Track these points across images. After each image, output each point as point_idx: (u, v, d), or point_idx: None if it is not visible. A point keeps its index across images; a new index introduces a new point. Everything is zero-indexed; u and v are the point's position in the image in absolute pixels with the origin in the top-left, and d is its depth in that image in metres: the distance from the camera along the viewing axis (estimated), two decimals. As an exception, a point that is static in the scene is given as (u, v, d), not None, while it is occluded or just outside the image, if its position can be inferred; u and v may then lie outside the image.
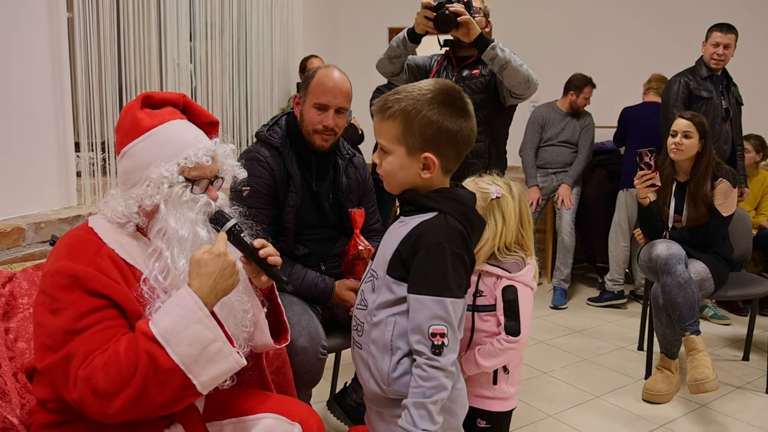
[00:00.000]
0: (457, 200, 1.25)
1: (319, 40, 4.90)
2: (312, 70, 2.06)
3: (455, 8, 2.28)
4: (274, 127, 2.10)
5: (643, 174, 2.69)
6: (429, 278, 1.19)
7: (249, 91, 3.76)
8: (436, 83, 1.26)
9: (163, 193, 1.24)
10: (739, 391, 2.77)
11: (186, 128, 1.33)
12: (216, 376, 1.18)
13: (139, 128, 1.28)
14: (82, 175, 2.36)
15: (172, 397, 1.15)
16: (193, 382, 1.15)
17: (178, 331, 1.14)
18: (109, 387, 1.11)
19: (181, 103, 1.39)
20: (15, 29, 1.96)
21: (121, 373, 1.12)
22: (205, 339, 1.16)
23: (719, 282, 2.73)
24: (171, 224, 1.24)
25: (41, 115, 2.09)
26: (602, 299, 4.11)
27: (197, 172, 1.28)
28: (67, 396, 1.14)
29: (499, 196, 1.62)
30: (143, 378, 1.12)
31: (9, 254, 1.82)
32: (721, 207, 2.69)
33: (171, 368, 1.13)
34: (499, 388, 1.65)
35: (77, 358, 1.13)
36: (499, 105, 2.50)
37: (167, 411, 1.18)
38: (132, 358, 1.12)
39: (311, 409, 1.44)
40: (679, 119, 2.75)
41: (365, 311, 1.29)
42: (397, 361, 1.24)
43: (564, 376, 2.94)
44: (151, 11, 2.80)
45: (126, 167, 1.29)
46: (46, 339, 1.16)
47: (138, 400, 1.12)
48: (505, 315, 1.60)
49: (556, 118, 4.26)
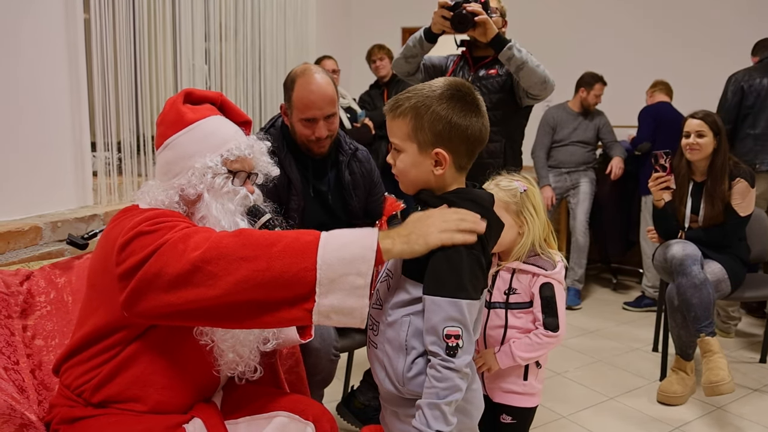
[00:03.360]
0: (473, 200, 1.24)
1: (332, 40, 4.91)
2: (290, 78, 1.93)
3: (472, 8, 2.28)
4: (270, 131, 2.05)
5: (658, 176, 2.67)
6: (444, 280, 1.18)
7: (263, 91, 3.78)
8: (446, 81, 1.26)
9: (206, 182, 1.28)
10: (756, 393, 2.74)
11: (227, 123, 1.39)
12: (338, 308, 1.12)
13: (182, 121, 1.33)
14: (98, 175, 2.39)
15: (291, 297, 1.10)
16: (315, 297, 1.10)
17: (339, 243, 1.12)
18: (245, 248, 1.09)
19: (219, 101, 1.44)
20: (32, 30, 1.98)
21: (268, 241, 1.10)
22: (353, 266, 1.10)
23: (736, 283, 2.70)
24: (213, 213, 1.27)
25: (58, 115, 2.11)
26: (641, 305, 4.04)
27: (239, 165, 1.33)
28: (183, 260, 1.10)
29: (525, 189, 1.66)
30: (282, 256, 1.09)
31: (26, 253, 1.84)
32: (739, 207, 2.66)
33: (308, 268, 1.09)
34: (529, 384, 1.68)
35: (198, 231, 1.14)
36: (516, 105, 2.49)
37: (274, 317, 1.12)
38: (286, 235, 1.12)
39: (324, 409, 1.45)
40: (691, 119, 2.72)
41: (381, 310, 1.30)
42: (411, 361, 1.24)
43: (578, 377, 2.92)
44: (166, 12, 2.82)
45: (168, 158, 1.33)
46: (153, 247, 1.14)
47: (265, 280, 1.08)
48: (543, 311, 1.64)
49: (567, 119, 4.23)
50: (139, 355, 1.24)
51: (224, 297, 1.09)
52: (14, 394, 1.29)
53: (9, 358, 1.37)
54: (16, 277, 1.51)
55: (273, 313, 1.11)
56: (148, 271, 1.13)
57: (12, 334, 1.42)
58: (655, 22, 4.82)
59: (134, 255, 1.15)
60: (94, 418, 1.24)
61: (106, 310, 1.23)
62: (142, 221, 1.19)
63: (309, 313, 1.11)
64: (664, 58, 4.56)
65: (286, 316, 1.12)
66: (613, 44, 4.88)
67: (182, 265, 1.10)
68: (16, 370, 1.37)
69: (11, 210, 1.93)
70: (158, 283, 1.12)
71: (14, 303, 1.46)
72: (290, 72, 1.96)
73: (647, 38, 4.82)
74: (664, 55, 4.65)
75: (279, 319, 1.12)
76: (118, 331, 1.23)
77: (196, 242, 1.12)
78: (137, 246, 1.15)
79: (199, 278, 1.09)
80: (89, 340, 1.26)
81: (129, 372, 1.24)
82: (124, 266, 1.16)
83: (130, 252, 1.16)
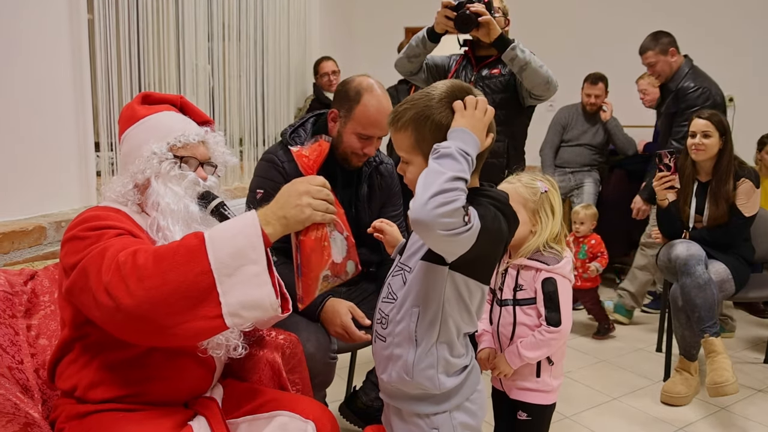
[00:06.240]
0: (492, 197, 1.24)
1: (335, 40, 4.91)
2: (354, 89, 1.87)
3: (476, 8, 2.27)
4: (299, 130, 2.00)
5: (663, 176, 2.66)
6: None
7: (266, 91, 3.79)
8: (443, 86, 1.25)
9: (153, 167, 1.32)
10: (760, 394, 2.73)
11: (178, 116, 1.43)
12: (244, 302, 1.11)
13: (135, 117, 1.39)
14: (101, 175, 2.40)
15: (194, 305, 1.09)
16: (219, 299, 1.09)
17: (225, 238, 1.12)
18: (141, 269, 1.09)
19: (179, 103, 1.48)
20: (37, 31, 1.99)
21: (157, 257, 1.10)
22: (245, 257, 1.11)
23: (740, 283, 2.69)
24: (161, 196, 1.30)
25: (62, 115, 2.12)
26: (660, 306, 4.01)
27: (186, 152, 1.37)
28: (96, 292, 1.11)
29: (547, 190, 1.67)
30: (175, 267, 1.09)
31: (30, 252, 1.85)
32: (744, 207, 2.65)
33: (204, 271, 1.09)
34: (543, 381, 1.68)
35: (113, 248, 1.15)
36: (519, 105, 2.49)
37: (187, 330, 1.10)
38: (172, 247, 1.12)
39: (325, 408, 1.45)
40: (697, 119, 2.71)
41: (392, 304, 1.30)
42: (421, 353, 1.25)
43: (581, 377, 2.91)
44: (169, 13, 2.82)
45: (124, 151, 1.40)
46: (77, 258, 1.17)
47: (163, 297, 1.08)
48: (545, 306, 1.63)
49: (579, 120, 4.22)
50: (122, 347, 1.24)
51: (132, 317, 1.09)
52: (18, 393, 1.29)
53: (13, 357, 1.37)
54: (20, 277, 1.52)
55: (184, 324, 1.09)
56: (75, 279, 1.17)
57: (16, 334, 1.42)
58: (660, 23, 4.80)
59: (68, 257, 1.21)
60: (100, 414, 1.24)
61: (74, 307, 1.25)
62: (78, 223, 1.24)
63: (220, 318, 1.10)
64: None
65: (199, 326, 1.10)
66: (623, 42, 4.85)
67: (96, 287, 1.12)
68: (21, 370, 1.38)
69: (15, 210, 1.94)
70: (84, 294, 1.16)
71: (18, 302, 1.47)
72: (351, 81, 1.91)
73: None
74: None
75: (193, 330, 1.10)
76: (92, 325, 1.23)
77: (108, 261, 1.12)
78: (70, 249, 1.21)
79: (107, 301, 1.10)
80: (71, 339, 1.28)
81: (118, 365, 1.25)
82: (64, 264, 1.23)
83: (66, 252, 1.22)
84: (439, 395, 1.29)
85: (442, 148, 1.12)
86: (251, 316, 1.13)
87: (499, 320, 1.71)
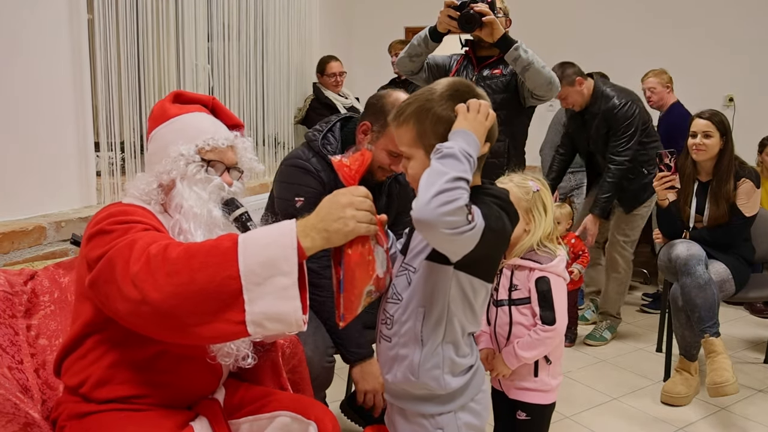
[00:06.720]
0: (494, 195, 1.24)
1: (335, 40, 4.91)
2: (391, 105, 1.77)
3: (480, 8, 2.27)
4: (329, 137, 1.94)
5: (663, 176, 2.66)
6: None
7: (266, 91, 3.78)
8: (446, 81, 1.26)
9: (179, 169, 1.30)
10: (760, 394, 2.73)
11: (208, 119, 1.41)
12: (269, 314, 1.07)
13: (165, 115, 1.38)
14: (101, 175, 2.39)
15: (220, 308, 1.07)
16: (245, 306, 1.07)
17: (259, 245, 1.08)
18: (171, 264, 1.07)
19: (210, 104, 1.47)
20: (37, 31, 1.99)
21: (189, 254, 1.08)
22: (276, 267, 1.07)
23: (740, 283, 2.69)
24: (186, 199, 1.29)
25: (62, 115, 2.12)
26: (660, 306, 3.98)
27: (214, 155, 1.35)
28: (122, 283, 1.10)
29: (538, 189, 1.68)
30: (205, 267, 1.07)
31: (30, 252, 1.85)
32: (744, 207, 2.65)
33: (232, 276, 1.06)
34: (541, 380, 1.68)
35: (142, 241, 1.13)
36: (519, 105, 2.49)
37: (209, 331, 1.08)
38: (205, 246, 1.10)
39: (326, 408, 1.45)
40: (698, 119, 2.71)
41: (397, 305, 1.30)
42: (426, 353, 1.25)
43: (581, 377, 2.91)
44: (169, 13, 2.82)
45: (151, 150, 1.39)
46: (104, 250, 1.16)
47: (189, 294, 1.06)
48: (539, 305, 1.64)
49: None
50: (133, 346, 1.24)
51: (157, 312, 1.08)
52: (18, 393, 1.29)
53: (13, 357, 1.37)
54: (20, 277, 1.52)
55: (206, 325, 1.08)
56: (101, 270, 1.15)
57: (16, 334, 1.42)
58: (663, 24, 4.81)
59: (93, 251, 1.19)
60: (101, 414, 1.24)
61: (94, 303, 1.24)
62: (105, 218, 1.23)
63: (243, 325, 1.08)
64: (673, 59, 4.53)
65: (221, 328, 1.08)
66: (623, 43, 4.86)
67: (123, 278, 1.10)
68: (20, 370, 1.38)
69: (15, 210, 1.94)
70: (109, 285, 1.14)
71: (18, 302, 1.47)
72: (387, 96, 1.84)
73: (657, 37, 4.80)
74: (672, 56, 4.62)
75: (215, 332, 1.08)
76: (109, 322, 1.23)
77: (137, 253, 1.11)
78: (96, 242, 1.20)
79: (133, 292, 1.09)
80: (83, 335, 1.27)
81: (128, 365, 1.25)
82: (88, 258, 1.21)
83: (92, 246, 1.20)
84: (444, 395, 1.29)
85: (445, 149, 1.12)
86: (274, 328, 1.09)
87: (496, 320, 1.71)
